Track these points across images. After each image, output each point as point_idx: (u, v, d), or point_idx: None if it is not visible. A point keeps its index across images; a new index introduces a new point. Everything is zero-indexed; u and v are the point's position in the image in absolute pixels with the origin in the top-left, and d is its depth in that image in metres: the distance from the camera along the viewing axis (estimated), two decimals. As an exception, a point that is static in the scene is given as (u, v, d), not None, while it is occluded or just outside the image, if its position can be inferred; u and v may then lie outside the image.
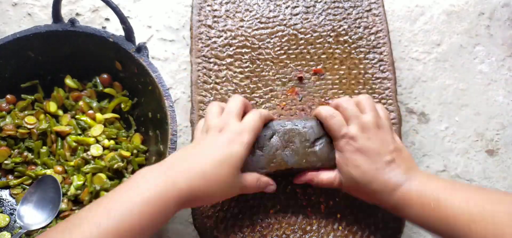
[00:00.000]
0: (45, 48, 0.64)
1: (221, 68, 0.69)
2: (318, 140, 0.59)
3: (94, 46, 0.64)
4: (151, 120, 0.65)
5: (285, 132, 0.59)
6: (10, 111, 0.65)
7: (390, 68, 0.72)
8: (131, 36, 0.62)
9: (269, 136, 0.58)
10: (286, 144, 0.58)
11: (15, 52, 0.62)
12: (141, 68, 0.61)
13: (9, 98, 0.66)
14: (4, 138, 0.64)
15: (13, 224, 0.61)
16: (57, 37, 0.62)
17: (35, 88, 0.68)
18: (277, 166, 0.57)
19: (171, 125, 0.57)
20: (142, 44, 0.61)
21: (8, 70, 0.64)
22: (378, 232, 0.62)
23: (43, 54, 0.65)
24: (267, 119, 0.59)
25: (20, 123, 0.64)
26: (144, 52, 0.61)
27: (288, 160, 0.58)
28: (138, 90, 0.66)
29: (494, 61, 0.82)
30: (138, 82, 0.65)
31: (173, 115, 0.57)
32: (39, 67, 0.66)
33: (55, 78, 0.68)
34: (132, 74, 0.64)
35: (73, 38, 0.63)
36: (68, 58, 0.66)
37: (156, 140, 0.64)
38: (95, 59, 0.66)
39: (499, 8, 0.87)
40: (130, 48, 0.61)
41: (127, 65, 0.64)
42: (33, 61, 0.65)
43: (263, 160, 0.57)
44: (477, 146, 0.76)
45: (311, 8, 0.75)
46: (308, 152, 0.58)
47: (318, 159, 0.58)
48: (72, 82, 0.67)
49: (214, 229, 0.60)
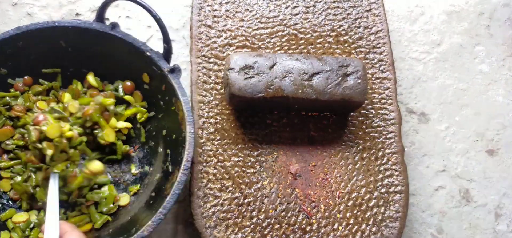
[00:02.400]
0: (79, 42, 0.64)
1: (221, 68, 0.69)
2: (315, 74, 0.63)
3: (127, 54, 0.64)
4: (164, 137, 0.65)
5: (285, 64, 0.63)
6: (24, 92, 0.65)
7: (390, 68, 0.72)
8: (168, 56, 0.63)
9: (270, 65, 0.62)
10: (285, 74, 0.62)
11: (48, 38, 0.62)
12: (171, 88, 0.61)
13: (26, 80, 0.65)
14: (12, 118, 0.64)
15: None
16: (94, 35, 0.63)
17: (54, 76, 0.67)
18: (274, 93, 0.61)
19: (188, 150, 0.57)
20: (177, 67, 0.61)
21: (35, 53, 0.64)
22: (378, 232, 0.62)
23: (74, 46, 0.65)
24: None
25: (31, 106, 0.64)
26: (177, 75, 0.62)
27: (285, 88, 0.62)
28: (159, 106, 0.66)
29: (494, 61, 0.82)
30: (161, 98, 0.65)
31: (192, 142, 0.57)
32: (65, 58, 0.66)
33: (77, 72, 0.67)
34: (157, 89, 0.65)
35: (110, 41, 0.63)
36: (96, 57, 0.66)
37: (164, 159, 0.64)
38: (123, 65, 0.66)
39: (499, 8, 0.87)
40: (165, 67, 0.62)
41: (155, 81, 0.64)
42: (61, 51, 0.65)
43: (261, 85, 0.61)
44: (477, 146, 0.76)
45: (311, 8, 0.75)
46: (305, 84, 0.62)
47: (314, 92, 0.62)
48: (94, 79, 0.67)
49: (214, 229, 0.60)
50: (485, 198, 0.73)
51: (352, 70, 0.65)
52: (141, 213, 0.59)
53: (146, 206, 0.60)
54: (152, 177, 0.64)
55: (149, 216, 0.55)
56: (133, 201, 0.63)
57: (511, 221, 0.72)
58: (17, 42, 0.61)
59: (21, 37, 0.60)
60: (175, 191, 0.55)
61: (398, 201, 0.64)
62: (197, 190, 0.61)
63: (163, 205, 0.54)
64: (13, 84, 0.65)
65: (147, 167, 0.66)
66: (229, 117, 0.67)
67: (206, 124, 0.66)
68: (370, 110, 0.70)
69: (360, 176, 0.66)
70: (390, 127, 0.68)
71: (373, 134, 0.68)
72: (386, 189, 0.65)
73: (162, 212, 0.53)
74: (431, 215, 0.71)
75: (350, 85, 0.64)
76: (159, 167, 0.64)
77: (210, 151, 0.64)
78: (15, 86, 0.65)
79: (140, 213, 0.60)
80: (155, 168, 0.65)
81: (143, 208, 0.60)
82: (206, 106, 0.67)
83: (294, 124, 0.68)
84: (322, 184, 0.65)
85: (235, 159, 0.65)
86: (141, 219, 0.57)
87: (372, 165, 0.66)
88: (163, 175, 0.62)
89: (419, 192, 0.72)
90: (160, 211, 0.53)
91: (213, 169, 0.63)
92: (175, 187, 0.55)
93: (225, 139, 0.65)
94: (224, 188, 0.63)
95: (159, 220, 0.53)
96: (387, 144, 0.67)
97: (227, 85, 0.63)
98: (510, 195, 0.73)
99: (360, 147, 0.67)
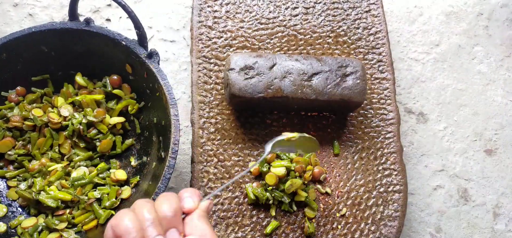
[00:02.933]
0: (59, 44, 0.65)
1: (221, 69, 0.70)
2: (315, 75, 0.64)
3: (106, 47, 0.64)
4: (155, 125, 0.66)
5: (285, 64, 0.64)
6: (19, 102, 0.66)
7: (389, 68, 0.72)
8: (143, 42, 0.63)
9: (270, 66, 0.63)
10: (284, 74, 0.63)
11: (28, 46, 0.63)
12: (151, 73, 0.62)
13: (19, 90, 0.66)
14: (10, 129, 0.65)
15: (10, 215, 0.62)
16: (71, 34, 0.63)
17: (45, 82, 0.68)
18: (274, 93, 0.62)
19: (174, 134, 0.58)
20: (154, 51, 0.62)
21: (20, 63, 0.65)
22: (377, 231, 0.63)
23: (56, 50, 0.65)
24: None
25: (27, 115, 0.65)
26: (155, 59, 0.62)
27: (284, 88, 0.63)
28: (146, 95, 0.67)
29: (492, 61, 0.83)
30: (146, 86, 0.65)
31: (177, 125, 0.58)
32: (51, 63, 0.67)
33: (66, 75, 0.68)
34: (141, 78, 0.65)
35: (87, 37, 0.64)
36: (80, 57, 0.67)
37: (158, 146, 0.64)
38: (106, 60, 0.67)
39: (498, 8, 0.87)
40: (142, 53, 0.62)
41: (137, 69, 0.65)
42: (45, 56, 0.66)
43: (261, 86, 0.62)
44: (475, 146, 0.76)
45: (311, 9, 0.75)
46: (304, 84, 0.63)
47: (313, 92, 0.63)
48: (82, 80, 0.68)
49: (214, 228, 0.61)
50: (483, 198, 0.73)
51: (351, 70, 0.65)
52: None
53: (144, 195, 0.61)
54: (149, 166, 0.65)
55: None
56: (134, 193, 0.64)
57: (509, 220, 0.72)
58: (1, 54, 0.62)
59: (2, 49, 0.61)
60: (166, 176, 0.55)
61: (396, 201, 0.65)
62: (198, 190, 0.62)
63: (155, 191, 0.55)
64: (6, 96, 0.66)
65: (145, 157, 0.66)
66: (229, 117, 0.67)
67: (207, 124, 0.66)
68: (369, 110, 0.70)
69: (359, 175, 0.66)
70: (389, 127, 0.69)
71: (372, 134, 0.69)
72: (385, 189, 0.65)
73: (154, 197, 0.54)
74: (429, 214, 0.71)
75: (349, 86, 0.64)
76: (155, 155, 0.65)
77: (211, 151, 0.65)
78: (9, 97, 0.66)
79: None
80: (151, 157, 0.66)
81: (142, 197, 0.60)
82: (206, 106, 0.67)
83: (293, 124, 0.68)
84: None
85: (235, 158, 0.65)
86: None
87: (371, 165, 0.67)
88: (158, 162, 0.63)
89: (417, 191, 0.73)
90: (152, 197, 0.54)
91: (213, 169, 0.64)
92: (165, 171, 0.56)
93: (225, 139, 0.66)
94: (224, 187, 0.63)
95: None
96: (386, 144, 0.68)
97: (227, 86, 0.64)
98: (508, 195, 0.74)
99: (359, 147, 0.68)
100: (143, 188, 0.62)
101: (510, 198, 0.74)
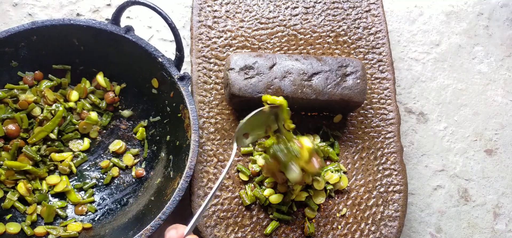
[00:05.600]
0: (91, 41, 0.64)
1: (221, 69, 0.70)
2: (315, 75, 0.63)
3: (138, 58, 0.64)
4: (167, 143, 0.66)
5: (285, 64, 0.64)
6: (33, 86, 0.65)
7: (389, 68, 0.72)
8: (180, 64, 0.63)
9: (270, 66, 0.63)
10: (284, 74, 0.63)
11: (62, 35, 0.63)
12: (179, 95, 0.62)
13: (37, 74, 0.66)
14: (18, 110, 0.64)
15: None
16: (108, 37, 0.63)
17: (64, 73, 0.68)
18: (274, 93, 0.62)
19: (191, 159, 0.57)
20: (187, 75, 0.62)
21: (47, 48, 0.64)
22: (377, 231, 0.63)
23: (86, 45, 0.65)
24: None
25: (39, 100, 0.64)
26: (187, 83, 0.62)
27: (284, 88, 0.62)
28: (165, 112, 0.67)
29: (493, 61, 0.82)
30: (169, 104, 0.65)
31: (196, 150, 0.58)
32: (77, 56, 0.66)
33: (87, 70, 0.68)
34: (166, 95, 0.65)
35: (123, 43, 0.63)
36: (108, 57, 0.66)
37: (166, 164, 0.64)
38: (133, 68, 0.66)
39: (498, 8, 0.87)
40: (175, 74, 0.62)
41: (165, 87, 0.65)
42: (73, 49, 0.65)
43: (261, 85, 0.62)
44: (475, 145, 0.76)
45: (311, 8, 0.75)
46: (304, 84, 0.63)
47: (313, 92, 0.63)
48: (103, 80, 0.68)
49: (214, 228, 0.61)
50: (483, 198, 0.73)
51: (351, 70, 0.65)
52: (139, 215, 0.60)
53: (144, 209, 0.60)
54: (152, 181, 0.65)
55: (148, 219, 0.55)
56: (132, 204, 0.63)
57: (510, 220, 0.72)
58: (31, 36, 0.61)
59: (35, 32, 0.61)
60: (176, 198, 0.55)
61: (397, 201, 0.65)
62: (197, 190, 0.62)
63: (162, 210, 0.54)
64: (22, 77, 0.65)
65: (151, 172, 0.66)
66: (229, 117, 0.67)
67: (206, 124, 0.66)
68: (369, 110, 0.70)
69: (359, 175, 0.66)
70: (389, 127, 0.69)
71: (372, 134, 0.69)
72: (385, 189, 0.65)
73: (161, 217, 0.53)
74: (429, 214, 0.71)
75: (349, 85, 0.64)
76: (161, 171, 0.64)
77: (210, 151, 0.65)
78: (24, 79, 0.65)
79: (138, 215, 0.60)
80: (156, 172, 0.65)
81: (142, 211, 0.60)
82: (206, 106, 0.67)
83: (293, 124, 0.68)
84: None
85: (235, 158, 0.65)
86: (139, 222, 0.57)
87: (371, 165, 0.67)
88: (164, 180, 0.62)
89: (418, 191, 0.73)
90: (159, 217, 0.53)
91: (213, 169, 0.64)
92: (176, 193, 0.55)
93: (225, 138, 0.66)
94: (224, 188, 0.63)
95: (158, 225, 0.53)
96: (386, 144, 0.68)
97: (227, 85, 0.63)
98: (508, 195, 0.74)
99: (359, 146, 0.68)
100: (142, 202, 0.62)
101: (511, 198, 0.73)
